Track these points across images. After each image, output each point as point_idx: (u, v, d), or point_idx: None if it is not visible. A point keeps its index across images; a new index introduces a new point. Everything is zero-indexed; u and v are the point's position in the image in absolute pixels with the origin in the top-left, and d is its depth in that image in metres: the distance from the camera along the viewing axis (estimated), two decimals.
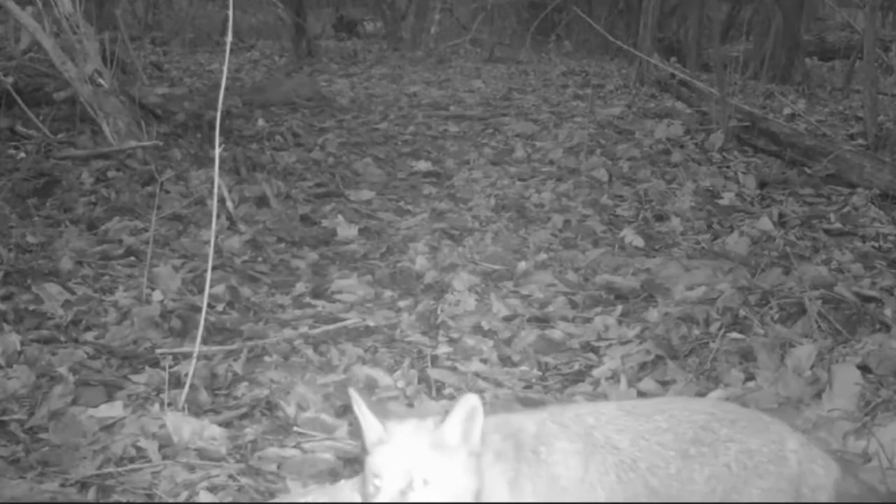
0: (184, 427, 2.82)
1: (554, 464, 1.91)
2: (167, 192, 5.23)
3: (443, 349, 3.54)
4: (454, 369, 3.36)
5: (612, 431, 1.96)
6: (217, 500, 2.53)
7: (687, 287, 4.06)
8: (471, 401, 1.87)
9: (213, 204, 3.49)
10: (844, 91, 10.16)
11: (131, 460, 2.71)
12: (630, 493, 1.92)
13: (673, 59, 10.97)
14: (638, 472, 1.92)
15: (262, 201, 5.27)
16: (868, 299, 3.85)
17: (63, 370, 3.13)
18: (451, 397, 3.15)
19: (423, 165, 6.41)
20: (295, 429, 2.90)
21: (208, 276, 3.24)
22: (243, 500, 2.55)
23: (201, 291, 3.39)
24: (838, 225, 5.22)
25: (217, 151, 3.21)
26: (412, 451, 1.83)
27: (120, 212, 4.92)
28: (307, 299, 4.06)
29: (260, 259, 4.50)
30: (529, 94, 9.53)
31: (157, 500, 2.53)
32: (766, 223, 5.10)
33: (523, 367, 3.43)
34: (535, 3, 13.82)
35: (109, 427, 2.86)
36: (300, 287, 4.17)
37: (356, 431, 2.87)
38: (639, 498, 1.92)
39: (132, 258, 4.35)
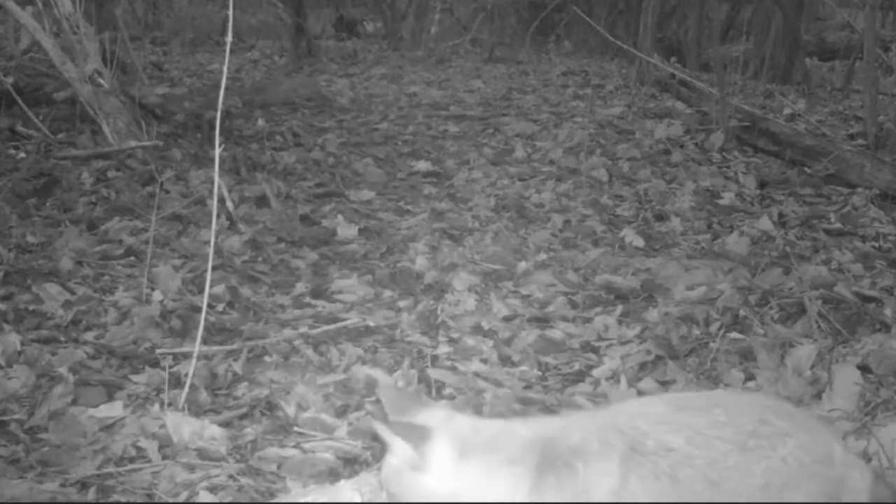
0: (184, 427, 2.82)
1: (588, 480, 1.84)
2: (167, 192, 5.23)
3: (443, 349, 3.54)
4: (454, 369, 3.36)
5: (665, 433, 1.89)
6: (217, 500, 2.52)
7: (687, 287, 4.06)
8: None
9: (213, 204, 3.49)
10: (844, 91, 10.15)
11: (131, 460, 2.71)
12: (689, 490, 1.87)
13: (673, 59, 10.97)
14: (696, 468, 1.87)
15: (262, 201, 5.27)
16: (868, 299, 3.85)
17: (63, 370, 3.12)
18: (452, 397, 3.15)
19: (423, 165, 6.41)
20: (295, 429, 2.90)
21: (208, 276, 3.24)
22: (243, 500, 2.55)
23: (201, 291, 3.39)
24: (838, 225, 5.22)
25: (217, 151, 3.21)
26: None
27: (120, 212, 4.92)
28: (307, 299, 4.06)
29: (260, 259, 4.50)
30: (529, 94, 9.53)
31: (157, 500, 2.53)
32: (766, 223, 5.10)
33: (523, 367, 3.43)
34: (535, 3, 13.81)
35: (109, 427, 2.86)
36: (300, 287, 4.17)
37: (356, 431, 2.88)
38: (699, 492, 1.88)
39: (132, 258, 4.34)
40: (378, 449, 2.78)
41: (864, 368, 3.22)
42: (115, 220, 4.80)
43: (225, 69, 3.54)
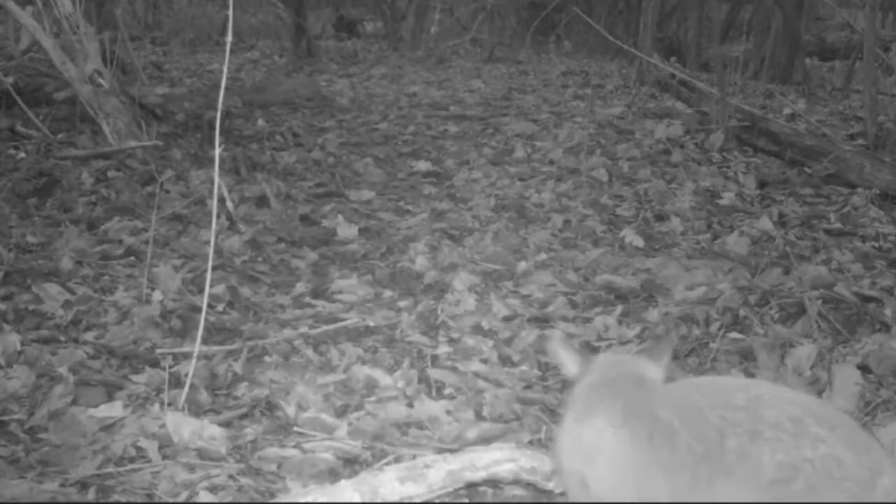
0: (184, 427, 2.82)
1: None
2: (167, 192, 5.23)
3: (443, 349, 3.54)
4: (454, 369, 3.36)
5: (660, 405, 1.95)
6: (217, 500, 2.52)
7: (687, 287, 4.06)
8: None
9: (213, 204, 3.49)
10: (844, 91, 10.16)
11: (131, 460, 2.70)
12: (671, 459, 1.89)
13: (673, 59, 10.98)
14: (678, 439, 1.89)
15: (262, 201, 5.27)
16: (868, 299, 3.85)
17: (63, 370, 3.12)
18: (452, 397, 3.15)
19: (423, 165, 6.41)
20: (295, 429, 2.90)
21: (208, 276, 3.24)
22: (243, 500, 2.55)
23: (201, 291, 3.39)
24: (838, 225, 5.22)
25: (217, 151, 3.21)
26: None
27: (120, 212, 4.92)
28: (307, 299, 4.06)
29: (260, 259, 4.50)
30: (529, 94, 9.53)
31: (157, 500, 2.53)
32: (766, 223, 5.10)
33: (523, 367, 3.42)
34: (535, 3, 13.82)
35: (109, 427, 2.86)
36: (300, 287, 4.17)
37: (356, 431, 2.87)
38: (684, 462, 1.87)
39: (132, 258, 4.35)
40: (376, 451, 2.78)
41: (864, 368, 3.22)
42: (115, 220, 4.80)
43: (225, 69, 3.53)
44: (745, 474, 1.83)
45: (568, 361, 2.17)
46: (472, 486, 2.51)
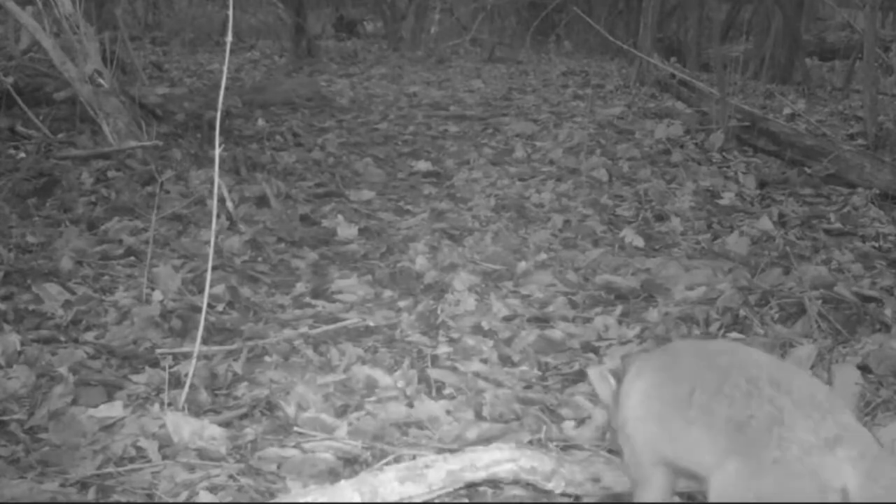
0: (184, 427, 2.82)
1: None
2: (167, 192, 5.23)
3: (443, 349, 3.54)
4: (454, 369, 3.36)
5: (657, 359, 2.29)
6: (217, 500, 2.52)
7: (687, 287, 4.06)
8: None
9: (213, 204, 3.49)
10: (844, 91, 10.16)
11: (131, 460, 2.70)
12: (652, 408, 2.18)
13: (673, 59, 10.99)
14: (662, 391, 2.18)
15: (262, 201, 5.27)
16: (868, 299, 3.85)
17: (63, 370, 3.12)
18: (452, 397, 3.15)
19: (423, 165, 6.41)
20: (295, 429, 2.90)
21: (208, 276, 3.24)
22: (243, 500, 2.55)
23: (201, 291, 3.39)
24: (838, 225, 5.22)
25: (217, 151, 3.21)
26: None
27: (120, 212, 4.92)
28: (307, 299, 4.06)
29: (260, 259, 4.50)
30: (529, 94, 9.53)
31: (157, 500, 2.53)
32: (766, 223, 5.10)
33: (523, 367, 3.43)
34: (535, 3, 13.83)
35: (109, 427, 2.86)
36: (300, 287, 4.17)
37: (356, 431, 2.87)
38: (655, 411, 2.18)
39: (132, 258, 4.34)
40: (377, 451, 2.78)
41: (864, 368, 3.22)
42: (115, 220, 4.80)
43: (225, 69, 3.53)
44: (702, 427, 2.02)
45: (604, 389, 2.38)
46: (472, 486, 2.51)
